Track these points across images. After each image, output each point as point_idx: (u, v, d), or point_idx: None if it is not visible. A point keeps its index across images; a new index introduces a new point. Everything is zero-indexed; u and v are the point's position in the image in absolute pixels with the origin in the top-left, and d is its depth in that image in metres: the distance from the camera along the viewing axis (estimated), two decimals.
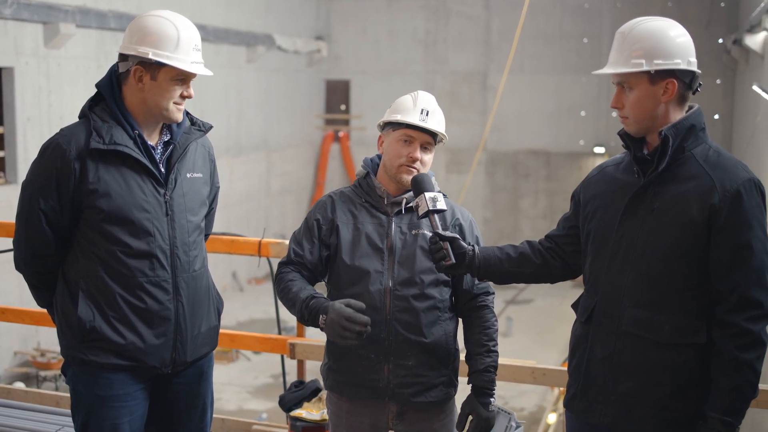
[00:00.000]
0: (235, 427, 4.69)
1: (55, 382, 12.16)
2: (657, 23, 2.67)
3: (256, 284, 19.20)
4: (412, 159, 3.09)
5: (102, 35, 13.45)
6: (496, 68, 20.92)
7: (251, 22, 18.24)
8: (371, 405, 3.13)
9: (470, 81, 21.28)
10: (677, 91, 2.63)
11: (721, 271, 2.57)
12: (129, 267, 2.95)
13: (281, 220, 20.41)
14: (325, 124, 22.41)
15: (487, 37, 21.10)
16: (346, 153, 22.20)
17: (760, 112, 13.70)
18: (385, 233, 3.11)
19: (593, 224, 2.81)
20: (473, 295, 3.17)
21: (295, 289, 3.06)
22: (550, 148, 21.13)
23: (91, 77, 13.09)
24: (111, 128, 2.93)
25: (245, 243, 4.67)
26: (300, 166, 21.55)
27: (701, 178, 2.59)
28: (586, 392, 2.78)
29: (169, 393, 3.14)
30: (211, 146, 3.25)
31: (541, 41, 20.41)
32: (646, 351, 2.65)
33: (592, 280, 2.80)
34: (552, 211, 21.22)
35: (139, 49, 2.92)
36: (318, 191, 22.00)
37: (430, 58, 21.48)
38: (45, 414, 4.52)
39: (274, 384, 13.90)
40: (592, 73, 2.98)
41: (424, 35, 21.44)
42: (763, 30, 12.57)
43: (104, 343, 2.94)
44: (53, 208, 2.92)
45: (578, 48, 20.53)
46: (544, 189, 21.34)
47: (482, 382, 3.11)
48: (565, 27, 20.52)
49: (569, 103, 20.78)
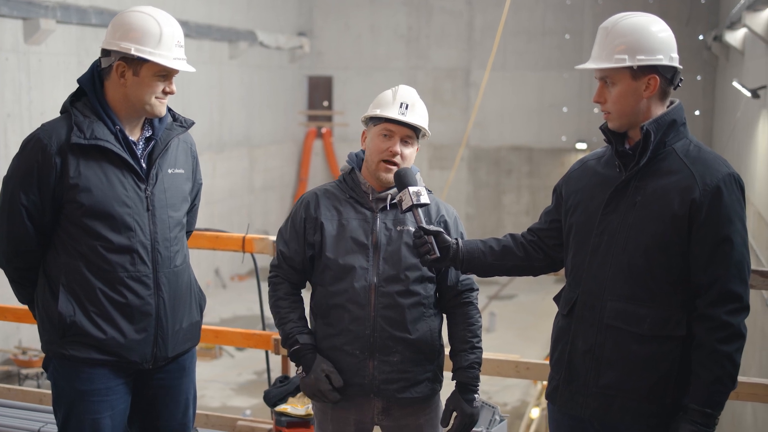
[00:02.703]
0: (220, 423, 4.67)
1: (37, 380, 12.11)
2: (639, 19, 2.69)
3: (239, 281, 19.18)
4: (392, 153, 3.08)
5: (83, 31, 13.39)
6: (478, 64, 20.97)
7: (233, 18, 18.20)
8: (356, 401, 3.12)
9: (453, 77, 21.32)
10: (659, 87, 2.65)
11: (701, 264, 2.59)
12: (110, 262, 2.94)
13: (264, 217, 20.38)
14: (307, 121, 22.41)
15: (470, 34, 21.14)
16: (329, 149, 22.20)
17: (740, 108, 13.81)
18: (370, 229, 3.11)
19: (575, 218, 2.83)
20: (458, 292, 3.18)
21: (283, 312, 3.19)
22: (532, 144, 21.21)
23: (72, 73, 13.02)
24: (92, 123, 2.92)
25: (229, 239, 4.65)
26: (283, 163, 21.53)
27: (682, 172, 2.62)
28: (568, 385, 2.80)
29: (150, 388, 3.13)
30: (193, 142, 3.25)
31: (524, 37, 20.48)
32: (627, 343, 2.67)
33: (574, 273, 2.82)
34: (535, 206, 21.31)
35: (122, 44, 2.90)
36: (301, 187, 21.98)
37: (412, 54, 21.51)
38: (28, 411, 4.49)
39: (258, 381, 13.90)
40: (574, 68, 2.99)
41: (406, 31, 21.47)
42: (743, 27, 12.64)
43: (85, 338, 2.93)
44: (34, 203, 2.91)
45: (560, 44, 20.62)
46: (527, 185, 21.43)
47: (466, 378, 3.12)
48: (547, 23, 20.60)
49: (551, 100, 20.87)
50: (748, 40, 13.81)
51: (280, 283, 3.21)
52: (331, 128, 22.30)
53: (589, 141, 20.72)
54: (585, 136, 20.73)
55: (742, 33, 14.22)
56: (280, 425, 4.18)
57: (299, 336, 3.13)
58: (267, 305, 3.40)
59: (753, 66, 13.31)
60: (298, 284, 3.21)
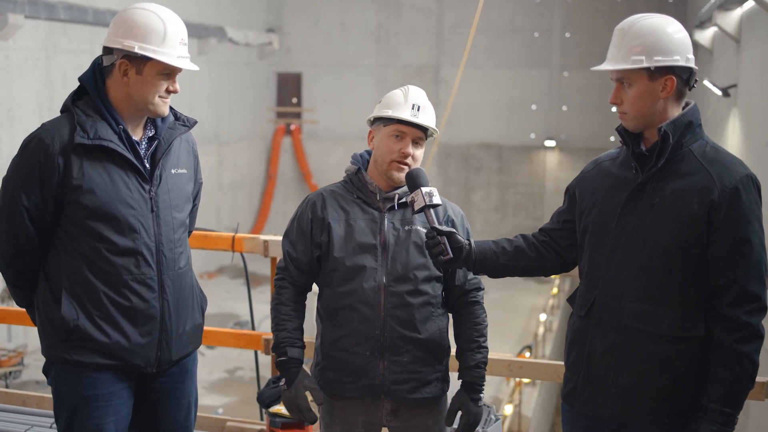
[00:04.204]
0: (208, 423, 4.63)
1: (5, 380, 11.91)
2: (656, 20, 2.70)
3: (209, 278, 19.04)
4: (404, 155, 3.07)
5: (51, 26, 13.20)
6: (448, 61, 21.01)
7: (202, 14, 18.04)
8: (365, 402, 3.10)
9: (422, 74, 21.33)
10: (675, 88, 2.67)
11: (720, 265, 2.61)
12: (114, 264, 2.88)
13: (233, 214, 20.25)
14: (276, 117, 22.30)
15: (439, 31, 21.17)
16: (298, 146, 22.11)
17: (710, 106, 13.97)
18: (378, 229, 3.09)
19: (590, 219, 2.84)
20: (465, 291, 3.17)
21: (281, 318, 3.16)
22: (501, 141, 21.30)
23: (40, 69, 12.83)
24: (95, 123, 2.86)
25: (218, 238, 4.60)
26: (252, 160, 21.41)
27: (700, 173, 2.64)
28: (587, 385, 2.80)
29: (153, 392, 3.08)
30: (194, 141, 3.20)
31: (493, 35, 20.55)
32: (646, 344, 2.68)
33: (591, 275, 2.83)
34: (503, 204, 21.42)
35: (125, 42, 2.85)
36: (270, 184, 21.88)
37: (382, 52, 21.49)
38: (12, 414, 4.41)
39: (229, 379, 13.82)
40: (590, 69, 2.99)
41: (376, 28, 21.44)
42: (713, 26, 12.80)
43: (88, 343, 2.87)
44: (36, 204, 2.85)
45: (529, 42, 20.72)
46: (496, 182, 21.52)
47: (473, 378, 3.11)
48: (516, 21, 20.69)
49: (520, 97, 20.98)
50: (718, 39, 13.99)
51: (284, 288, 3.17)
52: (300, 125, 22.21)
53: (558, 138, 20.88)
54: (554, 133, 20.88)
55: (712, 32, 14.40)
56: (274, 426, 4.15)
57: (289, 348, 3.11)
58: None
59: (723, 65, 13.48)
60: (303, 288, 3.18)
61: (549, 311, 16.90)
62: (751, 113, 10.73)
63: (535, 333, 15.45)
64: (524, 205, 21.54)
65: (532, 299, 18.48)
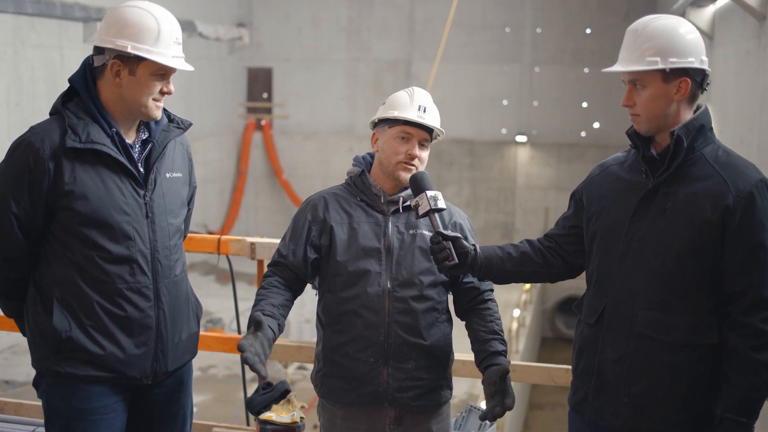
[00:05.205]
0: (196, 428, 4.53)
1: None
2: (669, 21, 2.66)
3: None
4: (411, 156, 3.02)
5: (18, 20, 12.93)
6: (419, 57, 20.96)
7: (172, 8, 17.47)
8: (369, 410, 3.03)
9: (394, 69, 21.26)
10: (690, 90, 2.62)
11: (734, 271, 2.57)
12: (107, 273, 2.78)
13: (204, 210, 20.04)
14: (247, 113, 22.11)
15: (411, 26, 21.10)
16: (269, 141, 21.94)
17: None
18: (382, 233, 3.01)
19: (599, 224, 2.78)
20: (481, 290, 3.09)
21: (257, 299, 2.97)
22: (473, 136, 21.28)
23: (8, 64, 12.60)
24: (87, 126, 2.75)
25: (203, 240, 4.50)
26: (222, 155, 21.22)
27: (713, 178, 2.60)
28: (598, 395, 2.75)
29: (148, 404, 2.98)
30: (189, 144, 3.10)
31: (465, 30, 20.50)
32: (659, 352, 2.64)
33: (600, 282, 2.77)
34: (475, 199, 21.42)
35: (117, 42, 2.74)
36: (241, 180, 21.70)
37: (353, 46, 21.37)
38: None
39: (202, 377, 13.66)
40: (602, 71, 2.93)
41: (347, 23, 21.32)
42: None
43: (82, 354, 2.77)
44: (25, 210, 2.73)
45: (501, 37, 20.71)
46: (468, 177, 21.50)
47: (504, 362, 2.97)
48: (488, 16, 20.67)
49: (492, 92, 20.98)
50: None
51: (269, 276, 3.06)
52: (271, 120, 22.03)
53: (529, 134, 20.90)
54: (525, 128, 20.90)
55: None
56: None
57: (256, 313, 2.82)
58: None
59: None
60: (289, 281, 3.04)
61: (522, 306, 16.93)
62: (725, 110, 10.79)
63: (508, 328, 15.47)
64: (496, 201, 21.56)
65: (506, 295, 18.48)
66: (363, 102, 21.09)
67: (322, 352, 3.08)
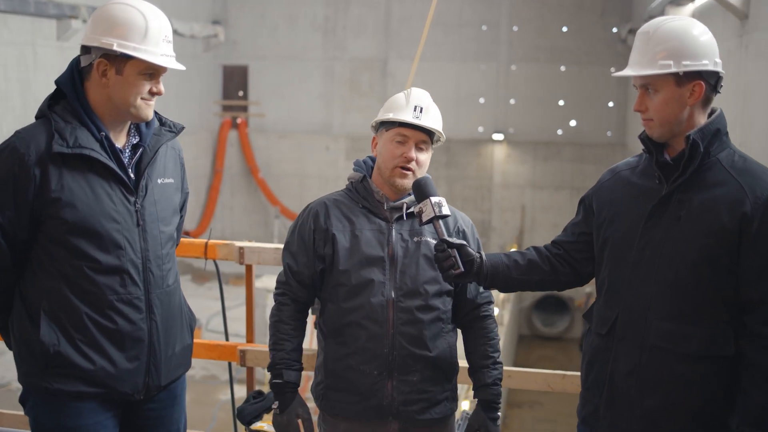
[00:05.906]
0: None
1: None
2: (681, 22, 2.57)
3: None
4: (407, 159, 2.91)
5: None
6: (395, 55, 20.86)
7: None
8: (372, 424, 2.93)
9: (370, 68, 21.14)
10: (704, 93, 2.53)
11: (752, 280, 2.49)
12: (97, 284, 2.65)
13: None
14: (222, 111, 21.90)
15: (387, 24, 21.00)
16: (245, 139, 21.74)
17: None
18: (386, 241, 2.91)
19: (611, 231, 2.69)
20: (477, 305, 3.01)
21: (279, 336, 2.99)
22: (449, 134, 20.97)
23: None
24: (75, 129, 2.63)
25: (190, 245, 4.36)
26: (198, 154, 20.99)
27: (729, 184, 2.51)
28: (610, 407, 2.67)
29: (140, 420, 2.86)
30: (181, 148, 2.99)
31: (441, 28, 20.41)
32: (673, 364, 2.56)
33: (611, 290, 2.68)
34: (452, 197, 21.34)
35: (103, 40, 2.63)
36: (216, 178, 21.49)
37: (329, 45, 21.22)
38: None
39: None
40: (613, 75, 2.84)
41: (323, 21, 21.17)
42: None
43: (71, 369, 2.64)
44: (10, 219, 2.60)
45: (477, 36, 20.66)
46: (444, 176, 21.43)
47: (491, 395, 2.97)
48: (464, 15, 20.60)
49: (468, 91, 20.92)
50: None
51: (285, 304, 2.97)
52: (247, 118, 21.83)
53: (506, 132, 20.86)
54: (501, 126, 20.86)
55: None
56: None
57: (286, 371, 2.95)
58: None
59: None
60: (305, 303, 2.98)
61: (500, 305, 16.88)
62: None
63: None
64: (472, 199, 21.51)
65: None
66: (339, 100, 20.96)
67: (324, 364, 2.98)
